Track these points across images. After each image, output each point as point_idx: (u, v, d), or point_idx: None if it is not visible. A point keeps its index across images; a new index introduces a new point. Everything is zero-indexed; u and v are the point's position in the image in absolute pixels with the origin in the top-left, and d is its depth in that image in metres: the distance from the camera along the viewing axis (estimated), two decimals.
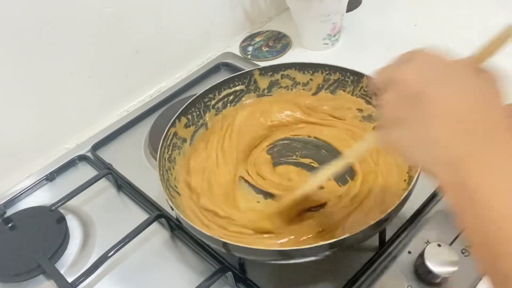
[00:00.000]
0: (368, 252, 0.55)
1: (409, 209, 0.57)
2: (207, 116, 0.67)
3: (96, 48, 0.76)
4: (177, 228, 0.61)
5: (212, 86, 0.67)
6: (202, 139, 0.66)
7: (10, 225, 0.65)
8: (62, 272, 0.58)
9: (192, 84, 0.86)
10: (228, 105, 0.69)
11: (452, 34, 0.88)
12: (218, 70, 0.90)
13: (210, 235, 0.47)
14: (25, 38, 0.67)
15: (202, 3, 0.88)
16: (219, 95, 0.68)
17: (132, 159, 0.74)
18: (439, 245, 0.50)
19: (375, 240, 0.55)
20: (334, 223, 0.53)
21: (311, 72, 0.68)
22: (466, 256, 0.53)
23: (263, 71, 0.69)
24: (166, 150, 0.60)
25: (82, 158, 0.75)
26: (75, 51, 0.73)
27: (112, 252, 0.57)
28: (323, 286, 0.53)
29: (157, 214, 0.61)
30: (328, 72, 0.66)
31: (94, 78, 0.78)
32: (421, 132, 0.33)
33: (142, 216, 0.63)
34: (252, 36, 0.98)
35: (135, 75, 0.84)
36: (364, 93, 0.64)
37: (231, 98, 0.69)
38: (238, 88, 0.69)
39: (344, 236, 0.44)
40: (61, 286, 0.56)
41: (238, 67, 0.87)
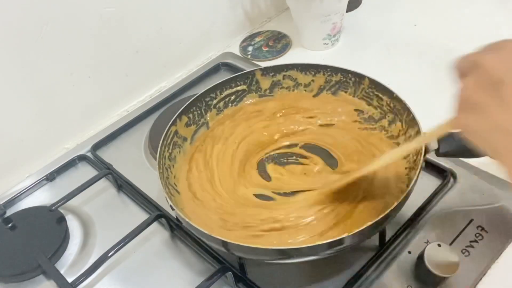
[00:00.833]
0: (368, 252, 0.55)
1: (409, 209, 0.57)
2: (208, 116, 0.68)
3: (96, 48, 0.76)
4: (177, 228, 0.61)
5: (213, 86, 0.67)
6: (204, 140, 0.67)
7: (10, 225, 0.65)
8: (62, 272, 0.58)
9: (192, 84, 0.86)
10: (230, 105, 0.69)
11: (452, 34, 0.88)
12: (218, 70, 0.90)
13: (209, 234, 0.47)
14: (25, 38, 0.67)
15: (202, 3, 0.88)
16: (221, 94, 0.68)
17: (132, 159, 0.74)
18: (439, 245, 0.50)
19: (375, 240, 0.55)
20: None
21: (313, 73, 0.68)
22: (466, 256, 0.53)
23: (265, 71, 0.69)
24: (167, 149, 0.60)
25: (82, 158, 0.75)
26: (75, 51, 0.73)
27: (112, 252, 0.57)
28: (323, 286, 0.53)
29: (157, 214, 0.61)
30: (329, 73, 0.66)
31: (94, 78, 0.78)
32: (496, 119, 0.33)
33: (142, 216, 0.63)
34: (252, 36, 0.98)
35: (135, 75, 0.84)
36: (366, 94, 0.64)
37: (233, 98, 0.69)
38: (240, 88, 0.69)
39: (343, 235, 0.43)
40: (61, 286, 0.56)
41: (238, 67, 0.87)
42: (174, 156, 0.62)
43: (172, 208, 0.50)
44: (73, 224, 0.65)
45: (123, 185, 0.69)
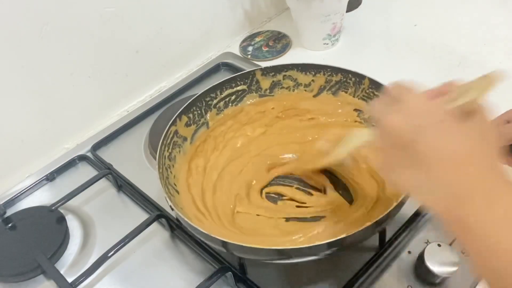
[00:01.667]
0: (368, 252, 0.55)
1: (409, 209, 0.57)
2: (208, 115, 0.67)
3: (96, 48, 0.76)
4: (177, 228, 0.61)
5: (213, 86, 0.67)
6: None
7: (10, 225, 0.65)
8: (62, 272, 0.58)
9: (192, 84, 0.86)
10: (230, 104, 0.69)
11: (452, 34, 0.88)
12: (218, 70, 0.90)
13: (209, 234, 0.47)
14: (25, 38, 0.67)
15: (202, 3, 0.88)
16: (221, 94, 0.68)
17: (132, 159, 0.74)
18: (439, 245, 0.50)
19: (375, 240, 0.55)
20: None
21: (313, 73, 0.67)
22: (466, 256, 0.53)
23: (265, 71, 0.69)
24: (166, 148, 0.60)
25: (82, 158, 0.75)
26: (75, 51, 0.73)
27: (112, 252, 0.57)
28: (323, 286, 0.53)
29: (157, 214, 0.61)
30: (330, 73, 0.66)
31: (94, 78, 0.78)
32: (422, 174, 0.35)
33: (142, 216, 0.63)
34: (252, 36, 0.98)
35: (135, 75, 0.84)
36: (366, 94, 0.64)
37: (233, 98, 0.69)
38: (240, 88, 0.69)
39: (343, 235, 0.43)
40: (61, 286, 0.56)
41: (238, 67, 0.87)
42: (174, 156, 0.62)
43: (172, 208, 0.50)
44: (73, 224, 0.65)
45: (123, 185, 0.69)
